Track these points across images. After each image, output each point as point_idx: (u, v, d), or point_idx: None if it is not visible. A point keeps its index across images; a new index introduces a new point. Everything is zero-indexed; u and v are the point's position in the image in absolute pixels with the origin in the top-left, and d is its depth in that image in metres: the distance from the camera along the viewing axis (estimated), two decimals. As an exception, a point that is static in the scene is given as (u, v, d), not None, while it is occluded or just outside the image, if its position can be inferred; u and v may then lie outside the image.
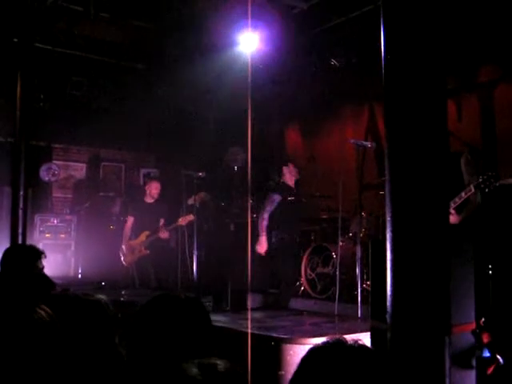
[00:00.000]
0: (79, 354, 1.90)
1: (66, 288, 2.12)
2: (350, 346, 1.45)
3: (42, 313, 1.74)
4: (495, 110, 7.23)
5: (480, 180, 4.93)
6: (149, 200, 8.43)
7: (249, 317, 5.12)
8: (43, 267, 3.91)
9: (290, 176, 7.17)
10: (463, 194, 5.11)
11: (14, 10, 7.57)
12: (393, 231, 2.83)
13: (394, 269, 2.81)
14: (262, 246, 6.92)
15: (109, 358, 1.97)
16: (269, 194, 7.12)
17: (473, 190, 5.04)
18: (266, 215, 6.97)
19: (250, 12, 7.69)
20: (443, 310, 2.69)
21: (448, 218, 3.02)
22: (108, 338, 2.02)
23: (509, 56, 6.96)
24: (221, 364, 1.35)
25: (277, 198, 7.00)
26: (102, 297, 2.18)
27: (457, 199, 5.12)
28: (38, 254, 3.89)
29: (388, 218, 2.87)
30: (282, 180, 7.20)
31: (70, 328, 1.88)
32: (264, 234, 6.94)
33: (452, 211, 5.10)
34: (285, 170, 7.19)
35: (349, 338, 1.51)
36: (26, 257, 3.83)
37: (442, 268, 2.72)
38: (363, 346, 1.46)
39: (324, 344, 1.48)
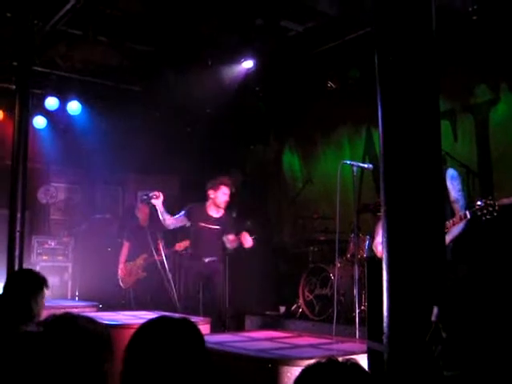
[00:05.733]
0: (64, 373, 1.84)
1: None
2: (342, 364, 1.45)
3: (32, 326, 1.72)
4: (490, 131, 7.26)
5: (477, 207, 4.61)
6: (142, 223, 8.41)
7: (246, 339, 5.09)
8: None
9: None
10: (457, 219, 4.82)
11: (13, 34, 7.64)
12: (389, 251, 2.83)
13: (391, 289, 2.80)
14: None
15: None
16: None
17: (468, 216, 4.76)
18: None
19: (250, 35, 7.77)
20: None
21: (444, 239, 3.02)
22: (97, 364, 1.98)
23: (504, 76, 7.02)
24: None
25: None
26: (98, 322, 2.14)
27: (449, 225, 4.82)
28: (41, 286, 3.66)
29: (384, 239, 2.88)
30: None
31: (59, 349, 1.84)
32: None
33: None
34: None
35: (343, 359, 1.50)
36: (29, 289, 3.60)
37: (438, 288, 2.72)
38: (355, 364, 1.46)
39: (316, 363, 1.48)
